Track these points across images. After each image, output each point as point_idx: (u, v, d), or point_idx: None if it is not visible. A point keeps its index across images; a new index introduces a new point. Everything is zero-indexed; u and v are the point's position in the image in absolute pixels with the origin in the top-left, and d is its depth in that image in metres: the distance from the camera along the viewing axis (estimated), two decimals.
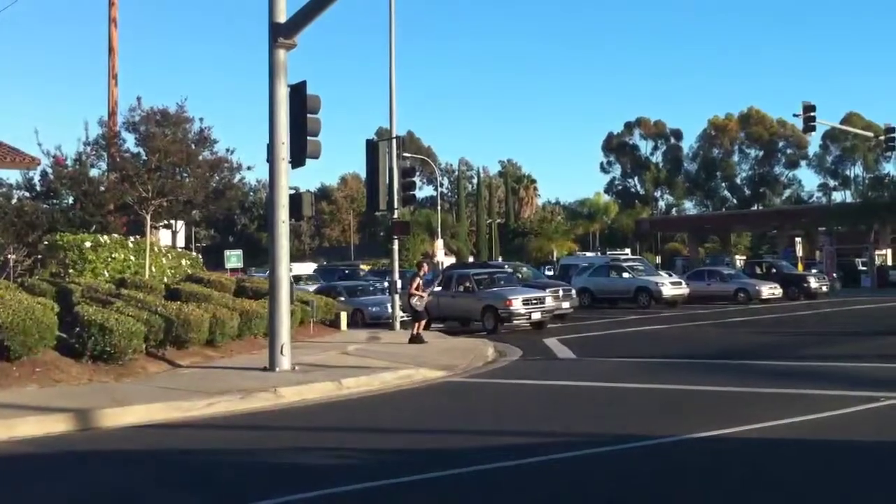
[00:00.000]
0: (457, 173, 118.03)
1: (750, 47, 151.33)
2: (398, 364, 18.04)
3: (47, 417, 11.77)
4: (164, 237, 36.10)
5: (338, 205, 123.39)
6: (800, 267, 52.15)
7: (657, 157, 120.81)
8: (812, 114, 40.43)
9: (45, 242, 25.57)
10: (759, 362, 18.05)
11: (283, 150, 16.53)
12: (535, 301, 27.83)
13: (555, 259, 66.40)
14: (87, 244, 23.88)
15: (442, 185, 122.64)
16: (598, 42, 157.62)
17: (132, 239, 26.01)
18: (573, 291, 34.52)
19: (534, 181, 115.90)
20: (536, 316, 27.66)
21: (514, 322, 27.55)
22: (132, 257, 24.59)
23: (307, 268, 75.32)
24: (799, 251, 55.72)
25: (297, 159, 16.33)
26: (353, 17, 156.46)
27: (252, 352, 19.64)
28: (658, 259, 73.27)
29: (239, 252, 79.38)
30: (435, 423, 12.25)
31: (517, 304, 27.28)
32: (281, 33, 16.55)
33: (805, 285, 43.36)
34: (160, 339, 17.43)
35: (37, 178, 37.07)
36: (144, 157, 26.24)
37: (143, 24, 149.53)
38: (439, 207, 75.14)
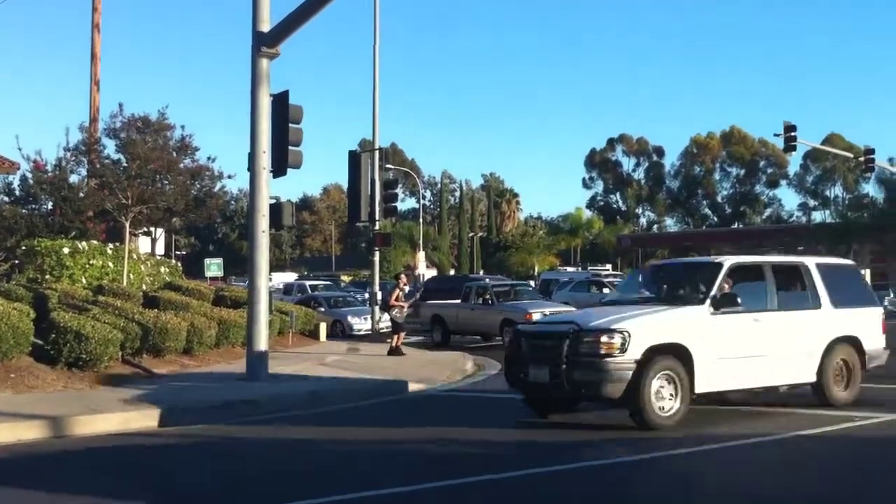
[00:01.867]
0: (439, 186, 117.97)
1: (733, 67, 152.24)
2: (375, 376, 17.97)
3: (19, 424, 11.64)
4: (144, 244, 35.87)
5: (319, 215, 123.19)
6: None
7: (639, 174, 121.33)
8: (793, 133, 40.68)
9: (23, 248, 25.35)
10: None
11: (265, 160, 16.48)
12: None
13: (536, 274, 66.40)
14: (66, 250, 23.69)
15: (425, 197, 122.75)
16: (581, 59, 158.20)
17: (110, 245, 25.83)
18: None
19: (516, 195, 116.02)
20: None
21: None
22: (110, 264, 24.40)
23: (288, 277, 75.13)
24: None
25: (279, 169, 16.28)
26: (339, 28, 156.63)
27: (230, 361, 19.50)
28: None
29: (219, 261, 79.05)
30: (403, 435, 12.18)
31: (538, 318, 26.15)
32: (264, 42, 16.51)
33: None
34: (137, 347, 17.33)
35: (16, 183, 36.88)
36: (125, 164, 26.08)
37: (125, 31, 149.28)
38: (421, 220, 75.36)
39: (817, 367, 13.23)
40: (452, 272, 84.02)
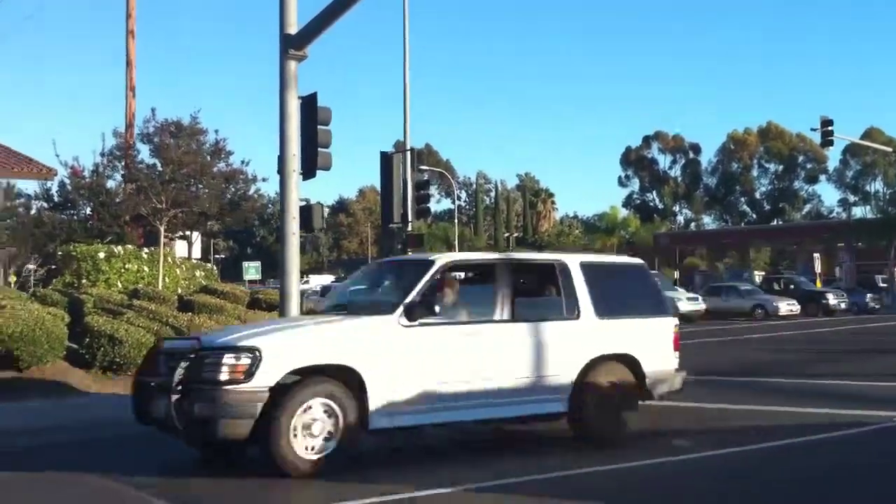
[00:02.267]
0: (474, 186, 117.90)
1: (770, 61, 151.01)
2: None
3: None
4: (181, 249, 36.24)
5: (356, 217, 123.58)
6: (818, 283, 51.80)
7: (676, 172, 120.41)
8: (830, 128, 40.16)
9: (60, 253, 25.69)
10: (765, 380, 17.84)
11: (294, 162, 16.47)
12: None
13: None
14: (101, 255, 23.94)
15: (460, 198, 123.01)
16: (615, 56, 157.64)
17: (146, 250, 26.08)
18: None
19: (551, 195, 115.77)
20: None
21: None
22: (146, 268, 24.62)
23: (325, 279, 75.54)
24: (817, 267, 55.40)
25: (308, 171, 16.27)
26: (370, 29, 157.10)
27: None
28: (676, 274, 72.88)
29: (257, 264, 79.82)
30: None
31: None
32: (292, 45, 16.50)
33: (824, 302, 43.08)
34: None
35: (54, 189, 37.40)
36: (160, 169, 26.33)
37: (157, 37, 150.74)
38: (457, 221, 75.32)
39: (570, 393, 10.51)
40: None
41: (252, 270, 75.38)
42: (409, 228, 28.00)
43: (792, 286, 46.40)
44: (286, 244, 16.59)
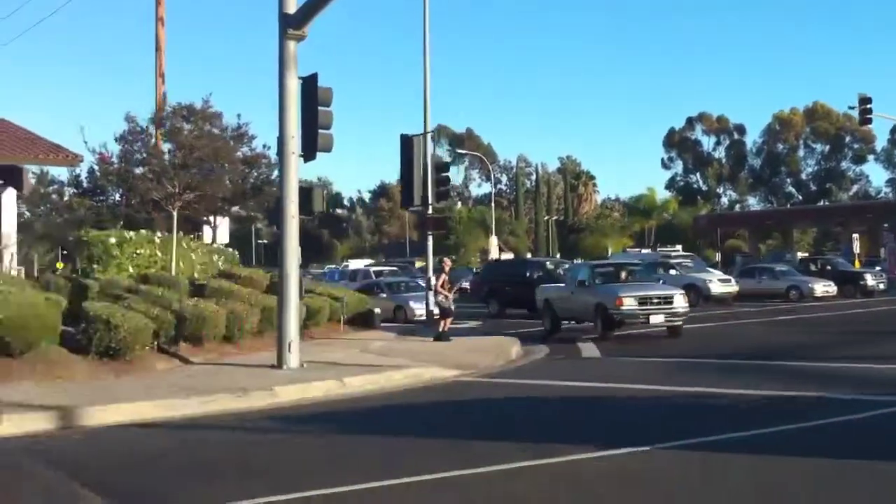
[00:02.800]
0: (515, 170, 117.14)
1: (815, 40, 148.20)
2: (413, 362, 17.64)
3: (29, 415, 11.59)
4: (209, 233, 36.18)
5: (395, 201, 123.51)
6: (856, 264, 50.59)
7: (720, 153, 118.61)
8: (868, 106, 39.19)
9: (70, 239, 25.79)
10: (790, 363, 17.29)
11: (293, 144, 16.25)
12: (657, 301, 23.56)
13: (608, 255, 65.45)
14: (112, 240, 23.94)
15: (500, 181, 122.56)
16: (658, 36, 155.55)
17: (158, 234, 26.02)
18: None
19: (592, 177, 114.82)
20: (658, 319, 23.48)
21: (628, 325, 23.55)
22: (158, 253, 24.57)
23: (360, 263, 75.36)
24: (856, 248, 54.09)
25: (309, 153, 16.03)
26: (413, 15, 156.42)
27: (271, 348, 19.34)
28: (718, 256, 71.88)
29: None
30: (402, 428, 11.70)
31: (630, 303, 23.14)
32: (290, 24, 16.26)
33: (861, 283, 41.93)
34: (171, 336, 17.27)
35: (83, 175, 37.58)
36: (172, 153, 26.26)
37: (180, 22, 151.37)
38: (493, 204, 74.78)
39: None
40: (529, 255, 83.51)
41: None
42: (430, 211, 27.60)
43: (829, 267, 45.20)
44: (285, 227, 16.43)
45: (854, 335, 23.26)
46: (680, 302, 23.94)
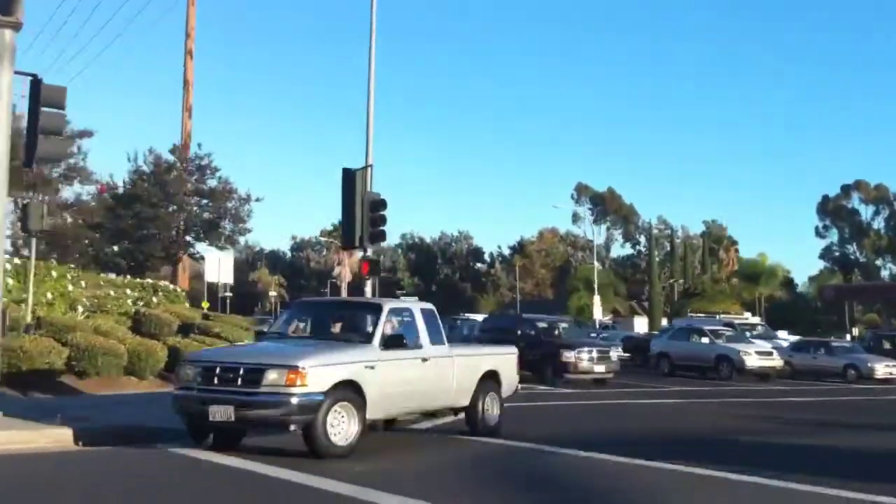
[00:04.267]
0: (649, 232, 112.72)
1: None
2: None
3: None
4: (211, 270, 35.21)
5: (531, 258, 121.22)
6: None
7: (878, 223, 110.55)
8: None
9: None
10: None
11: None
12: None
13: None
14: None
15: (639, 242, 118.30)
16: (811, 101, 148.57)
17: (16, 260, 23.90)
18: (612, 353, 30.93)
19: (735, 242, 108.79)
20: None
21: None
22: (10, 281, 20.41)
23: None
24: None
25: (28, 160, 14.28)
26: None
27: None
28: (855, 332, 65.77)
29: (414, 298, 79.92)
30: None
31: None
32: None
33: None
34: None
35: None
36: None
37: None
38: (595, 262, 71.67)
39: None
40: (665, 321, 79.32)
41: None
42: (369, 252, 25.60)
43: None
44: None
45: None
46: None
